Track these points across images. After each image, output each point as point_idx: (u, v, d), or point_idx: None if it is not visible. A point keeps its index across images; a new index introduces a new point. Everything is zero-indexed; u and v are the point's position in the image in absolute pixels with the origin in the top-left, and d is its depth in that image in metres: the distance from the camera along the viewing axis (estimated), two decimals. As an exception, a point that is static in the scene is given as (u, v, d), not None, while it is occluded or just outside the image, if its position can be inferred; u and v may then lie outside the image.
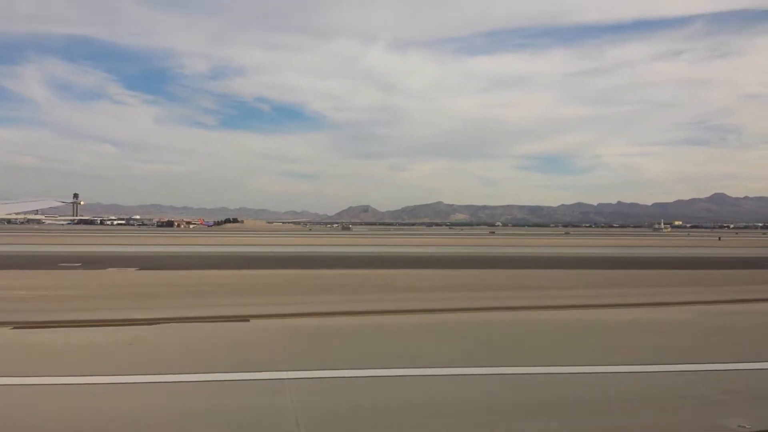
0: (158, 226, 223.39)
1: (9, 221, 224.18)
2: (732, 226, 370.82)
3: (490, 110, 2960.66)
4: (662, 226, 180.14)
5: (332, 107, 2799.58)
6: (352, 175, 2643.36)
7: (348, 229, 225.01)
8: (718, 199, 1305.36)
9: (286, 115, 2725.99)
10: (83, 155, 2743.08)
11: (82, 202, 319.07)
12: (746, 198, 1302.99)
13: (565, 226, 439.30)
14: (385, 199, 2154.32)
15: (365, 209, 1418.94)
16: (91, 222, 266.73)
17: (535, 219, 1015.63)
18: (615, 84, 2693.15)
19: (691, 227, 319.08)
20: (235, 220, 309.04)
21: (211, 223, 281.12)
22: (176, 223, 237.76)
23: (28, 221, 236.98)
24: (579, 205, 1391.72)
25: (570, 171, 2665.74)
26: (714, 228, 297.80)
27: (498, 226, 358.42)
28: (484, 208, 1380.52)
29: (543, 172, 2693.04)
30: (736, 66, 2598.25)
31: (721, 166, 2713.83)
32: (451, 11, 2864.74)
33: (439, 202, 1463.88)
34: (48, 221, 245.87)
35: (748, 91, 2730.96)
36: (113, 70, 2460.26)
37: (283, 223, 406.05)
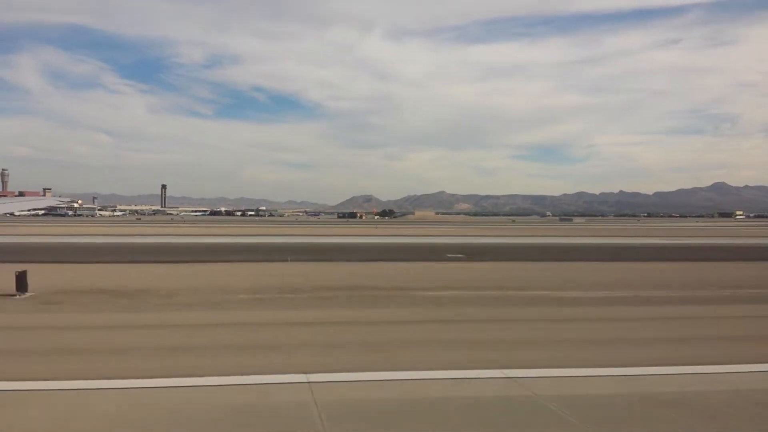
0: (339, 217, 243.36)
1: (136, 212, 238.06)
2: None
3: (486, 99, 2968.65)
4: None
5: (329, 96, 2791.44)
6: (349, 165, 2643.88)
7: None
8: (719, 188, 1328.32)
9: (282, 105, 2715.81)
10: (78, 145, 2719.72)
11: (80, 202, 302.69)
12: (746, 187, 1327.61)
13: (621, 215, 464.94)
14: (386, 189, 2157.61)
15: (368, 199, 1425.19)
16: (218, 213, 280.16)
17: (539, 209, 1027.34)
18: (612, 72, 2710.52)
19: None
20: (391, 212, 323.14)
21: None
22: (359, 215, 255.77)
23: (155, 212, 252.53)
24: (581, 194, 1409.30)
25: (566, 161, 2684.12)
26: None
27: (548, 216, 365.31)
28: (487, 197, 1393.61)
29: (538, 161, 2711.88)
30: (733, 54, 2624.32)
31: (718, 156, 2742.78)
32: None
33: (442, 192, 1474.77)
34: (182, 213, 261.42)
35: (744, 79, 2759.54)
36: (108, 59, 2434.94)
37: (450, 214, 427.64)
